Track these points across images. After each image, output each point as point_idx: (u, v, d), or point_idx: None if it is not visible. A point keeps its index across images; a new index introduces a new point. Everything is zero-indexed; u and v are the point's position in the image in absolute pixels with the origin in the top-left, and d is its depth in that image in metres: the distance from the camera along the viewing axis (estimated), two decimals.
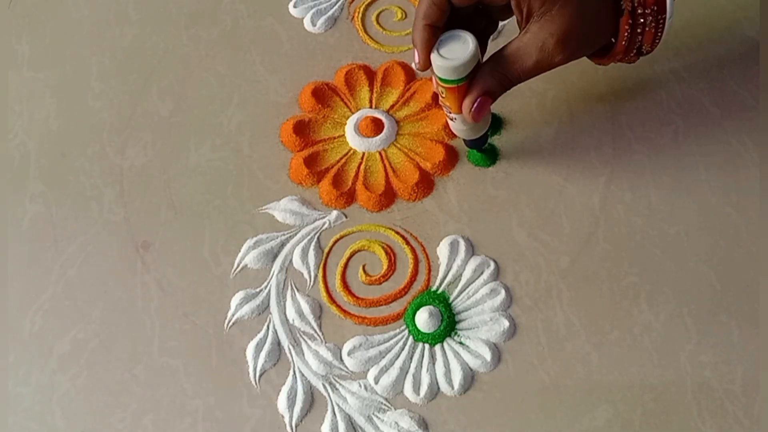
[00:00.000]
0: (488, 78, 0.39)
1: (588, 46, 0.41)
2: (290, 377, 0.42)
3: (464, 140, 0.46)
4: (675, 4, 0.39)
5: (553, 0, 0.38)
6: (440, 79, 0.39)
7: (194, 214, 0.47)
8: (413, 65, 0.42)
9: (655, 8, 0.39)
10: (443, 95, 0.41)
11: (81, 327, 0.44)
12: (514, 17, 0.41)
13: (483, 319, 0.42)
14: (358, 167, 0.48)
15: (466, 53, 0.38)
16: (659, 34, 0.40)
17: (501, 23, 0.43)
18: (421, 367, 0.41)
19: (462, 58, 0.38)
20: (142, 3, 0.56)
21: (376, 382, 0.41)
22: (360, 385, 0.41)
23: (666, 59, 0.50)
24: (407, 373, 0.41)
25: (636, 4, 0.38)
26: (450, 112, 0.42)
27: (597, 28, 0.39)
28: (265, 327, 0.43)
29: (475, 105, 0.39)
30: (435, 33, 0.39)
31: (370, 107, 0.50)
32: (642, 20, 0.39)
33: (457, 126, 0.43)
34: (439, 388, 0.41)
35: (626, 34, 0.39)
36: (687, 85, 0.49)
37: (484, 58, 0.41)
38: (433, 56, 0.39)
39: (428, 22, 0.39)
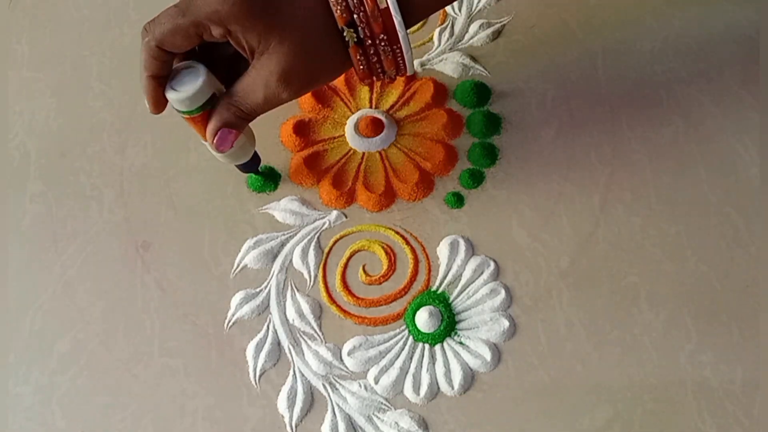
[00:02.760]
0: (224, 111, 0.39)
1: (318, 79, 0.40)
2: (290, 377, 0.42)
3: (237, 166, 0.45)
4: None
5: (267, 38, 0.37)
6: (179, 111, 0.40)
7: (194, 214, 0.47)
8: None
9: (386, 37, 0.38)
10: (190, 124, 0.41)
11: (81, 327, 0.44)
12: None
13: (483, 319, 0.42)
14: (358, 167, 0.48)
15: (195, 86, 0.38)
16: (400, 61, 0.39)
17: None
18: (421, 367, 0.41)
19: (191, 91, 0.38)
20: (142, 3, 0.56)
21: (376, 382, 0.41)
22: (360, 385, 0.41)
23: (666, 59, 0.50)
24: (407, 373, 0.41)
25: (363, 36, 0.38)
26: (203, 140, 0.42)
27: (323, 61, 0.39)
28: (265, 327, 0.43)
29: (217, 136, 0.40)
30: (160, 82, 0.39)
31: (370, 107, 0.50)
32: (373, 50, 0.38)
33: (214, 151, 0.42)
34: (439, 388, 0.41)
35: (360, 64, 0.39)
36: (687, 85, 0.49)
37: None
38: (167, 91, 0.39)
39: (149, 74, 0.39)
